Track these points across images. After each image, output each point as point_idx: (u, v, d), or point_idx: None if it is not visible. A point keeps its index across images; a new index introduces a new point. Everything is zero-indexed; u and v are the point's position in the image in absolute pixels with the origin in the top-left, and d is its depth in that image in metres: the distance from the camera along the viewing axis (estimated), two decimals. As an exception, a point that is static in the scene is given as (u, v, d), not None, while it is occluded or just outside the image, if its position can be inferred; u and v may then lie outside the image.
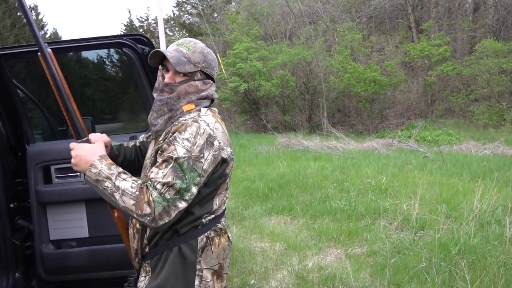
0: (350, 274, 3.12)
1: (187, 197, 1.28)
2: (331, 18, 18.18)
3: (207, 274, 1.41)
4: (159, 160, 1.31)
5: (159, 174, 1.26)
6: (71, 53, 3.17)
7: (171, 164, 1.27)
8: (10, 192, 2.52)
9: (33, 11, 27.34)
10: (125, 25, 30.51)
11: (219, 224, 1.47)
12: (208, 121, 1.37)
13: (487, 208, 4.12)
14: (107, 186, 1.28)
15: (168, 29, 27.21)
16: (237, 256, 3.75)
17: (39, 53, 1.38)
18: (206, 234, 1.41)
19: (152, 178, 1.27)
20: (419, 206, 4.33)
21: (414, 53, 15.51)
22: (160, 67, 1.47)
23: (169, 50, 1.41)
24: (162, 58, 1.43)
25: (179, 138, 1.31)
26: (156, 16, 25.33)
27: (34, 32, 1.35)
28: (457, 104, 15.49)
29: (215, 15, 26.03)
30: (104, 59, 3.57)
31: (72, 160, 1.37)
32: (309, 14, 18.82)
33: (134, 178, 1.30)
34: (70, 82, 1.45)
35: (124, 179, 1.28)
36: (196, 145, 1.31)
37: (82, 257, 2.47)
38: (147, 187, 1.26)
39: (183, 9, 29.08)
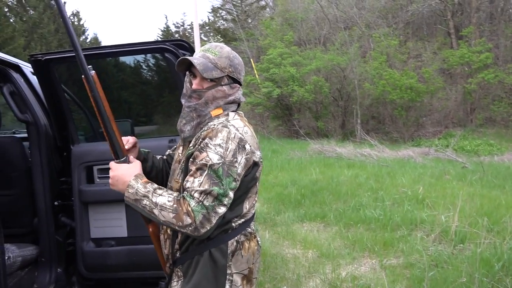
0: (386, 286, 3.05)
1: (225, 202, 1.29)
2: (367, 23, 17.91)
3: (237, 279, 1.42)
4: (193, 168, 1.31)
5: (195, 183, 1.27)
6: (110, 58, 3.25)
7: (206, 172, 1.28)
8: (55, 190, 2.62)
9: (75, 17, 28.53)
10: (161, 31, 31.36)
11: (249, 229, 1.47)
12: (237, 125, 1.38)
13: (533, 223, 3.91)
14: (145, 204, 1.30)
15: (203, 34, 27.68)
16: (269, 262, 3.74)
17: (83, 76, 1.38)
18: (236, 238, 1.42)
19: (188, 187, 1.28)
20: (458, 218, 4.17)
21: (453, 60, 15.02)
22: (187, 73, 1.47)
23: (195, 57, 1.41)
24: (189, 65, 1.44)
25: (211, 144, 1.31)
26: (191, 22, 25.80)
27: (79, 57, 1.35)
28: (499, 113, 14.85)
29: (250, 20, 26.25)
30: (141, 64, 3.66)
31: (110, 181, 1.39)
32: (344, 19, 18.63)
33: (170, 192, 1.32)
34: (108, 86, 1.48)
35: (160, 195, 1.30)
36: (229, 150, 1.31)
37: (120, 256, 2.53)
38: (184, 198, 1.27)
39: (218, 14, 29.53)
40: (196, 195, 1.26)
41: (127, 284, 2.86)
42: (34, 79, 2.63)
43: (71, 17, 27.93)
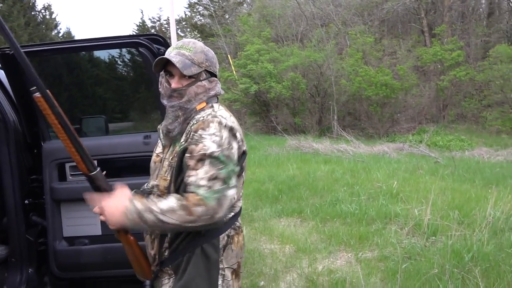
0: (361, 279, 3.10)
1: (232, 185, 1.30)
2: (343, 21, 18.12)
3: (228, 273, 1.41)
4: (191, 162, 1.30)
5: (200, 174, 1.27)
6: (84, 53, 3.18)
7: (208, 160, 1.28)
8: (25, 188, 2.55)
9: (47, 11, 27.67)
10: (137, 26, 30.77)
11: (237, 222, 1.47)
12: (225, 115, 1.39)
13: (501, 215, 4.06)
14: (148, 218, 1.25)
15: (180, 30, 27.35)
16: (246, 257, 3.74)
17: (38, 94, 1.28)
18: (226, 232, 1.41)
19: (193, 181, 1.27)
20: (431, 211, 4.28)
21: (427, 58, 15.39)
22: (162, 73, 1.44)
23: (171, 55, 1.39)
24: (164, 64, 1.42)
25: (205, 134, 1.31)
26: (168, 17, 25.49)
27: (32, 75, 1.28)
28: (470, 109, 15.34)
29: (227, 16, 26.12)
30: (116, 59, 3.59)
31: (102, 218, 1.34)
32: (321, 16, 18.79)
33: (166, 197, 1.30)
34: (82, 81, 1.43)
35: (161, 201, 1.27)
36: (224, 138, 1.32)
37: (94, 255, 2.48)
38: (189, 193, 1.26)
39: (195, 10, 29.23)
40: (203, 182, 1.25)
41: (103, 283, 2.82)
42: (1, 74, 2.54)
43: (42, 11, 27.11)
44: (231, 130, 1.36)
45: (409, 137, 13.40)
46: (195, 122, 1.37)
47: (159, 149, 1.51)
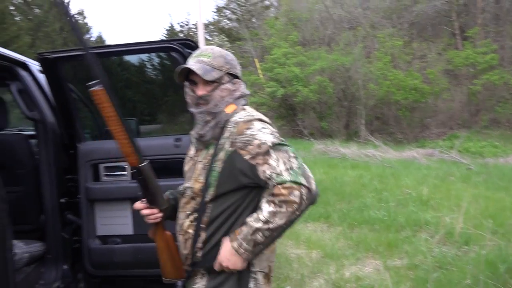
0: (390, 287, 3.05)
1: (300, 161, 1.31)
2: (371, 24, 17.87)
3: (260, 277, 1.42)
4: (257, 160, 1.30)
5: (272, 165, 1.27)
6: (115, 57, 3.25)
7: (271, 151, 1.30)
8: (61, 188, 2.64)
9: (80, 16, 28.60)
10: (166, 30, 31.38)
11: None
12: (259, 116, 1.42)
13: (538, 225, 3.90)
14: (259, 238, 1.28)
15: (207, 33, 27.68)
16: (273, 261, 3.74)
17: (99, 87, 1.32)
18: None
19: (271, 174, 1.28)
20: (463, 220, 4.16)
21: (458, 61, 14.97)
22: (186, 83, 1.47)
23: (190, 64, 1.42)
24: (187, 74, 1.45)
25: (254, 131, 1.33)
26: (196, 21, 25.87)
27: (98, 70, 1.33)
28: (504, 114, 14.78)
29: (254, 20, 26.24)
30: (146, 62, 3.67)
31: (226, 266, 1.35)
32: (348, 19, 18.59)
33: (258, 208, 1.31)
34: (113, 85, 1.47)
35: (257, 214, 1.29)
36: (271, 129, 1.37)
37: (126, 254, 2.54)
38: (271, 187, 1.27)
39: (222, 14, 29.52)
40: (281, 168, 1.26)
41: (133, 282, 2.88)
42: (41, 77, 2.64)
43: (76, 16, 28.02)
44: (271, 125, 1.40)
45: (439, 143, 13.04)
46: (233, 125, 1.38)
47: (192, 152, 1.53)
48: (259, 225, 1.27)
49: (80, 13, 28.71)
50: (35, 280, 2.51)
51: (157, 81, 3.91)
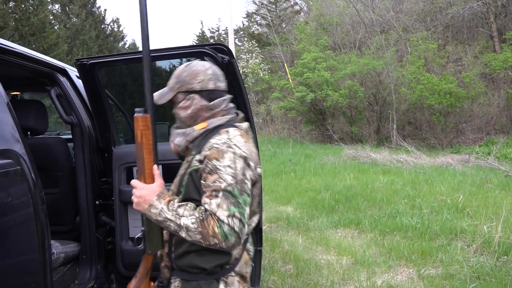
0: (424, 296, 2.95)
1: (245, 221, 1.33)
2: (404, 27, 17.50)
3: (234, 280, 1.48)
4: (208, 190, 1.34)
5: (213, 204, 1.30)
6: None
7: (222, 193, 1.31)
8: (96, 190, 2.71)
9: (115, 24, 29.51)
10: (197, 36, 31.94)
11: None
12: (240, 144, 1.40)
13: None
14: (169, 225, 1.35)
15: (237, 39, 27.95)
16: (302, 267, 3.70)
17: (142, 115, 1.44)
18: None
19: (208, 209, 1.31)
20: (502, 229, 3.99)
21: (496, 64, 14.40)
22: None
23: (160, 90, 1.54)
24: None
25: (220, 166, 1.34)
26: (226, 27, 26.15)
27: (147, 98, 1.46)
28: (546, 119, 14.10)
29: (284, 25, 26.28)
30: (177, 67, 3.73)
31: (135, 200, 1.41)
32: (380, 23, 18.29)
33: (191, 212, 1.33)
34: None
35: (183, 216, 1.33)
36: (238, 169, 1.35)
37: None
38: (208, 218, 1.29)
39: (252, 20, 29.76)
40: (222, 218, 1.28)
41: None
42: (79, 83, 2.73)
43: (111, 24, 28.95)
44: (246, 160, 1.38)
45: (475, 149, 12.57)
46: (209, 147, 1.40)
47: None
48: (176, 222, 1.32)
49: (115, 21, 29.66)
50: (71, 279, 2.58)
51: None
